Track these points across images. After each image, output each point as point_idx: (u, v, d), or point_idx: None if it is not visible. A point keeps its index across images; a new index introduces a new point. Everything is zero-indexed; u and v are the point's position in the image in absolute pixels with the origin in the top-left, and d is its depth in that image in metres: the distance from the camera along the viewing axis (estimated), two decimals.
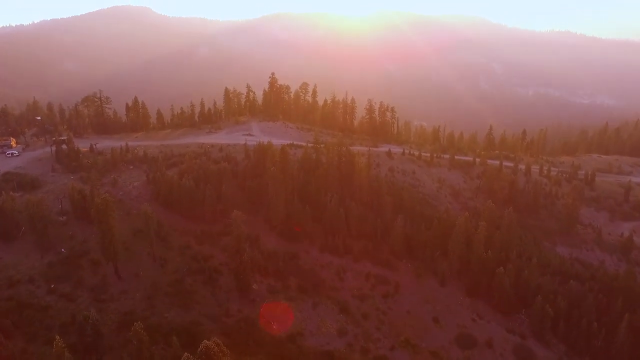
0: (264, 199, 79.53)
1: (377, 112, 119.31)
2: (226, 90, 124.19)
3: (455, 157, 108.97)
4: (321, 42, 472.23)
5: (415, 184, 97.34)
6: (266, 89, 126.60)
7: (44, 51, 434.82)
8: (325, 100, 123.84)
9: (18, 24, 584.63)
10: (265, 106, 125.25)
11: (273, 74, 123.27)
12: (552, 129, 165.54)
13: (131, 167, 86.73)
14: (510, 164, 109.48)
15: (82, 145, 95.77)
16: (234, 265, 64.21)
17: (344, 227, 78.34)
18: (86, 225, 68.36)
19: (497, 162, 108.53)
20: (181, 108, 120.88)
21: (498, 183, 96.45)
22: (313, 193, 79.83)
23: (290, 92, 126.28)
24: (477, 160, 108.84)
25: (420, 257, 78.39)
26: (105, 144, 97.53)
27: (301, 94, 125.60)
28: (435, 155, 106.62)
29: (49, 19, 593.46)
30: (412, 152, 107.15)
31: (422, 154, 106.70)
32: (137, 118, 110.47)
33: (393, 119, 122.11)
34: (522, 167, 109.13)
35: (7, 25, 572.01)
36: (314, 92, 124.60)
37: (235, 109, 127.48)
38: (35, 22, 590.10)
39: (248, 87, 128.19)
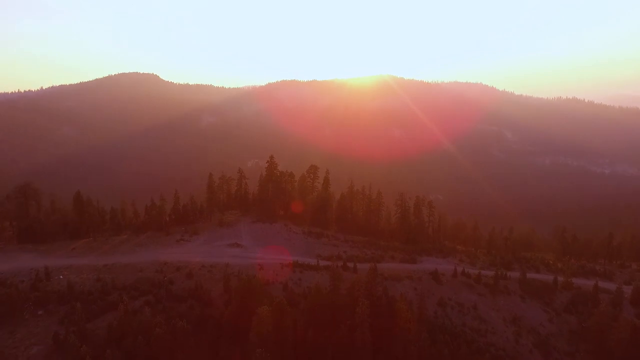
0: None
1: (411, 209, 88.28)
2: (210, 178, 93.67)
3: (526, 274, 76.99)
4: (327, 110, 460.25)
5: (480, 330, 64.12)
6: (263, 174, 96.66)
7: (42, 117, 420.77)
8: (342, 195, 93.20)
9: (27, 89, 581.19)
10: (261, 198, 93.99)
11: (272, 157, 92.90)
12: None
13: (40, 312, 54.78)
14: (606, 285, 77.20)
15: None
16: None
17: None
18: None
19: (586, 281, 77.14)
20: (151, 200, 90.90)
21: (610, 329, 63.10)
22: None
23: (295, 180, 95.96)
24: (559, 279, 76.67)
25: None
26: (18, 263, 66.30)
27: (308, 180, 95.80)
28: (499, 273, 74.54)
29: (57, 85, 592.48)
30: (466, 271, 75.09)
31: (482, 272, 74.71)
32: (82, 218, 79.16)
33: (431, 217, 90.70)
34: (627, 290, 76.30)
35: (16, 91, 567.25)
36: (327, 180, 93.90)
37: (223, 200, 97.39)
38: (44, 87, 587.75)
39: (240, 172, 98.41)
